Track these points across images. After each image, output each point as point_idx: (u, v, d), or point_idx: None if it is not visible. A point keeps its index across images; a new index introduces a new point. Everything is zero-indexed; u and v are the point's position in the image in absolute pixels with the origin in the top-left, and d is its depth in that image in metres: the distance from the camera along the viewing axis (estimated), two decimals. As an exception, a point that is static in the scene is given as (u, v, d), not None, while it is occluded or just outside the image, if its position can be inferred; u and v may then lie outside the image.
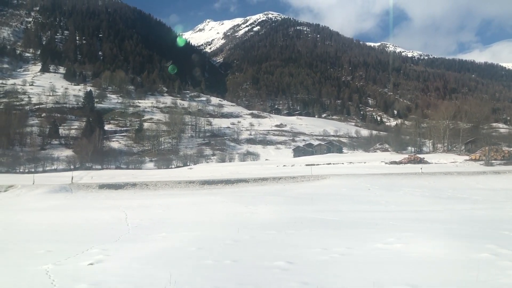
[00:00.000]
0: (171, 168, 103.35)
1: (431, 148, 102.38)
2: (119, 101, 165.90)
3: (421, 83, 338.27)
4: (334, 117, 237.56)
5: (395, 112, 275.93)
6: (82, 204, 21.48)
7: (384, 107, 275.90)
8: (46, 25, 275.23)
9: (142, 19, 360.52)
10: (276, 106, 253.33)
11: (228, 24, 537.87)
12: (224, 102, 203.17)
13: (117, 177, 51.59)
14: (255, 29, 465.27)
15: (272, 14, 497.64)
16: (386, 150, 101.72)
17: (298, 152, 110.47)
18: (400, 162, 51.75)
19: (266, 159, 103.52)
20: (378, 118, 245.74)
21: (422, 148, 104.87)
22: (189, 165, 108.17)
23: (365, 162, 56.68)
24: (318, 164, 54.33)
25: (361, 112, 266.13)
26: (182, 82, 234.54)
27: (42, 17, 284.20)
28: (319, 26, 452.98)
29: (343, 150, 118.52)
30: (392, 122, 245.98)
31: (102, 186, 29.03)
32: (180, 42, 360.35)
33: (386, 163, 53.01)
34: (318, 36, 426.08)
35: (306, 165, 53.78)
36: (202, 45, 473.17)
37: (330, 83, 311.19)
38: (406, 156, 60.80)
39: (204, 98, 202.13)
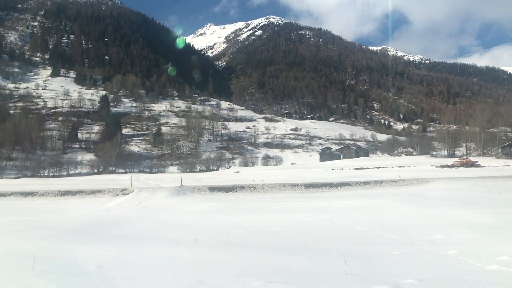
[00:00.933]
0: (195, 172, 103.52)
1: (464, 152, 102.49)
2: (133, 105, 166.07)
3: (424, 87, 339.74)
4: (341, 121, 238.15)
5: (401, 116, 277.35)
6: (233, 207, 21.56)
7: (390, 111, 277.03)
8: (51, 29, 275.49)
9: (146, 23, 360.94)
10: (285, 110, 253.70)
11: (229, 28, 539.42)
12: (234, 106, 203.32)
13: (168, 180, 51.74)
14: (257, 33, 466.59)
15: (274, 18, 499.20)
16: (410, 153, 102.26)
17: (325, 155, 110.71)
18: (452, 166, 52.20)
19: (293, 163, 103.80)
20: (386, 122, 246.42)
21: (454, 152, 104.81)
22: (212, 169, 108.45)
23: (414, 166, 56.98)
24: (367, 168, 54.73)
25: (368, 116, 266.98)
26: (189, 86, 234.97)
27: (47, 21, 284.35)
28: (321, 30, 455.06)
29: (369, 154, 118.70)
30: (399, 126, 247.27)
31: (212, 189, 29.27)
32: (181, 44, 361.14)
33: (437, 166, 53.44)
34: (321, 40, 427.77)
35: (355, 168, 54.14)
36: (204, 49, 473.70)
37: (335, 87, 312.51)
38: (457, 159, 61.17)
39: (213, 102, 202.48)
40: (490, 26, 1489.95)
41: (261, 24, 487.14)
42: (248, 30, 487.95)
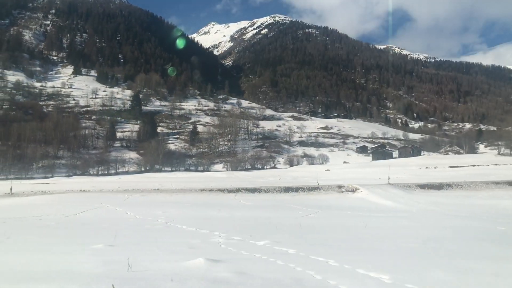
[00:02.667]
0: (241, 170, 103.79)
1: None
2: (162, 103, 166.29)
3: (434, 85, 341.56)
4: (358, 119, 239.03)
5: (415, 115, 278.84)
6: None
7: (405, 110, 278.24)
8: (64, 28, 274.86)
9: (155, 22, 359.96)
10: (299, 109, 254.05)
11: (234, 27, 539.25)
12: (253, 104, 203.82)
13: (268, 177, 52.14)
14: (263, 32, 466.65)
15: (279, 17, 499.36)
16: (458, 152, 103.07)
17: (377, 154, 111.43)
18: None
19: (345, 161, 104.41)
20: (403, 121, 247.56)
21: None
22: (257, 167, 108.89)
23: (495, 164, 57.75)
24: (462, 166, 55.50)
25: (381, 115, 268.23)
26: (203, 84, 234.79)
27: (59, 20, 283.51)
28: (328, 29, 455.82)
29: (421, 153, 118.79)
30: (415, 125, 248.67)
31: (423, 186, 29.96)
32: (189, 43, 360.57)
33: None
34: (327, 38, 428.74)
35: (450, 167, 54.82)
36: (209, 48, 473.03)
37: (347, 85, 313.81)
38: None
39: (234, 101, 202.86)
40: (493, 24, 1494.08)
41: (266, 23, 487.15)
42: (254, 29, 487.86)
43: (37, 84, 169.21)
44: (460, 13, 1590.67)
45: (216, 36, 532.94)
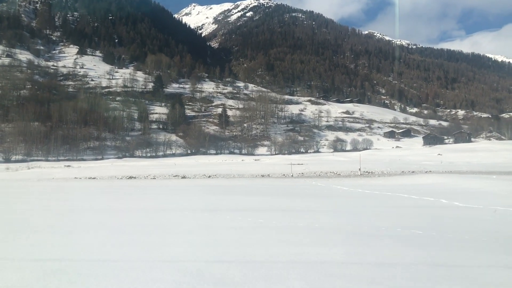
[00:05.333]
0: (285, 154, 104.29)
1: None
2: (180, 86, 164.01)
3: (422, 72, 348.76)
4: (367, 104, 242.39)
5: (408, 101, 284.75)
6: None
7: (398, 96, 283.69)
8: (55, 6, 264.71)
9: (145, 2, 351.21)
10: (297, 93, 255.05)
11: (217, 9, 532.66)
12: (261, 88, 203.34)
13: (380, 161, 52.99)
14: (248, 14, 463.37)
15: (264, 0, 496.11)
16: (499, 138, 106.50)
17: (429, 139, 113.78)
18: None
19: (397, 146, 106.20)
20: (402, 107, 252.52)
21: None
22: (300, 151, 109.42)
23: None
24: None
25: (376, 101, 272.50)
26: (212, 67, 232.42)
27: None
28: (313, 13, 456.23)
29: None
30: (412, 110, 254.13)
31: None
32: (178, 25, 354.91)
33: None
34: (314, 23, 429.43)
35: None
36: (193, 29, 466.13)
37: (340, 70, 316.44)
38: None
39: (241, 84, 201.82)
40: (471, 11, 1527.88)
41: (251, 6, 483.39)
42: (238, 11, 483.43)
43: (48, 64, 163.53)
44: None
45: (198, 18, 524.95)
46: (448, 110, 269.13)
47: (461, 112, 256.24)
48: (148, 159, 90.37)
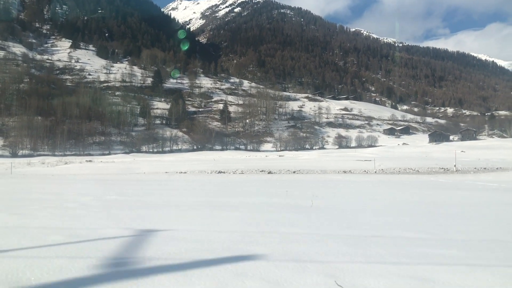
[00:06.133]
0: (290, 150, 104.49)
1: None
2: (177, 81, 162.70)
3: (410, 70, 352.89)
4: (362, 102, 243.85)
5: (398, 98, 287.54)
6: None
7: (388, 93, 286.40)
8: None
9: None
10: (288, 90, 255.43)
11: (204, 4, 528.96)
12: (253, 84, 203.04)
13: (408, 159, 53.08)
14: (236, 10, 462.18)
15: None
16: (501, 136, 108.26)
17: (435, 136, 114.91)
18: None
19: (404, 143, 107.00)
20: (393, 104, 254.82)
21: None
22: (306, 148, 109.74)
23: None
24: None
25: (367, 98, 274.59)
26: (206, 63, 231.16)
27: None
28: (302, 10, 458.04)
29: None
30: (402, 107, 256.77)
31: None
32: (167, 19, 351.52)
33: None
34: (302, 20, 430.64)
35: None
36: (182, 24, 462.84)
37: (330, 67, 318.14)
38: None
39: (236, 80, 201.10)
40: (456, 9, 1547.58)
41: (239, 1, 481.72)
42: (226, 7, 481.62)
43: (43, 57, 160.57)
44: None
45: (185, 13, 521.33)
46: (437, 108, 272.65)
47: (450, 110, 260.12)
48: (156, 155, 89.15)
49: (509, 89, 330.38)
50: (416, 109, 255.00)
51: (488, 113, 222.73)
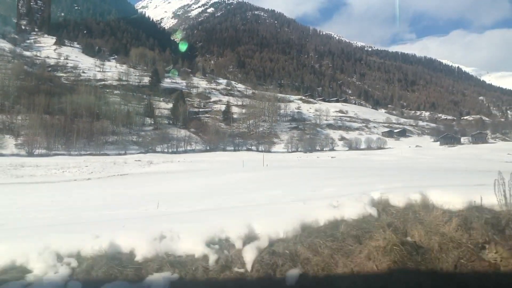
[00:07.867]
0: (302, 152, 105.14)
1: None
2: (173, 81, 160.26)
3: (383, 74, 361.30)
4: (351, 104, 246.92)
5: (374, 102, 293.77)
6: None
7: (365, 97, 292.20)
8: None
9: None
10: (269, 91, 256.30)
11: (175, 3, 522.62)
12: (240, 85, 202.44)
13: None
14: (209, 10, 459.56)
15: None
16: (504, 139, 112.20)
17: (446, 139, 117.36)
18: None
19: (417, 146, 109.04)
20: (373, 107, 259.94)
21: None
22: (324, 150, 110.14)
23: None
24: None
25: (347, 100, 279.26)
26: (193, 62, 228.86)
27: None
28: (275, 12, 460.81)
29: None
30: (381, 111, 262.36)
31: None
32: (140, 17, 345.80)
33: None
34: (276, 22, 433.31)
35: None
36: (156, 23, 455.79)
37: (307, 70, 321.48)
38: None
39: (224, 81, 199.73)
40: (422, 15, 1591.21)
41: (211, 1, 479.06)
42: (199, 7, 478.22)
43: (29, 54, 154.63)
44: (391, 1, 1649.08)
45: (156, 12, 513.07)
46: (413, 111, 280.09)
47: (426, 114, 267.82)
48: (172, 155, 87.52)
49: (477, 94, 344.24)
50: (394, 112, 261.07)
51: (464, 117, 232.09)
